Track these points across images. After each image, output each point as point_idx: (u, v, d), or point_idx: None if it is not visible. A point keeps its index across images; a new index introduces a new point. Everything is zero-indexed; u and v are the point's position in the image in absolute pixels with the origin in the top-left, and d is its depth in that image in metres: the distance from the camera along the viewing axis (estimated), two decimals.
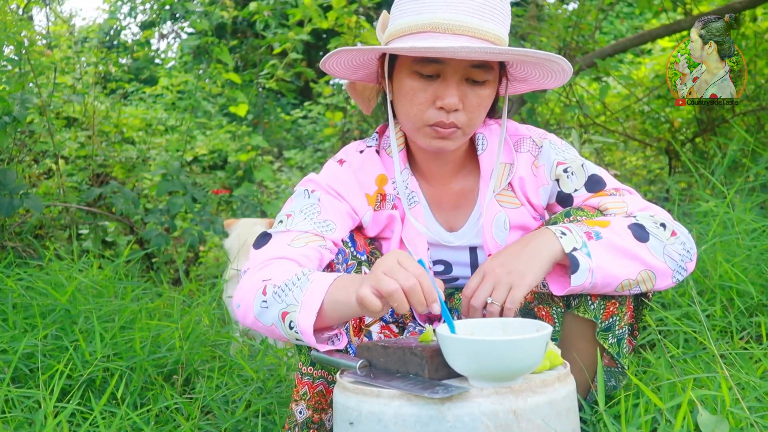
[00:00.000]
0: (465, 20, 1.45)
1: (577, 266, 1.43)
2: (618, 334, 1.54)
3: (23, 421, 1.75)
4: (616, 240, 1.46)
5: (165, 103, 5.99)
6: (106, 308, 2.31)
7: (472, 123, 1.56)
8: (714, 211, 2.67)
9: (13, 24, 3.53)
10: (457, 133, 1.55)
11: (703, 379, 1.63)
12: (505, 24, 1.51)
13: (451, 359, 1.24)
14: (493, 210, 1.64)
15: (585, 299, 1.51)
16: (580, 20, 4.31)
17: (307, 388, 1.58)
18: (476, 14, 1.46)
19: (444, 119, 1.52)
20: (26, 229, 3.72)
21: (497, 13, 1.48)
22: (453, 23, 1.45)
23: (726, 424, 1.31)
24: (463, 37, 1.45)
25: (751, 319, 2.15)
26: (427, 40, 1.46)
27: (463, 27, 1.45)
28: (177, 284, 4.21)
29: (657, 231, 1.50)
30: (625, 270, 1.46)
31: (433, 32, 1.46)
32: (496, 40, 1.48)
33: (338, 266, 1.56)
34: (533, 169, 1.65)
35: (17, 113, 3.18)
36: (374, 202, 1.64)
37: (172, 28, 6.22)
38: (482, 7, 1.46)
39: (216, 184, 5.32)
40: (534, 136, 1.67)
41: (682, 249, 1.52)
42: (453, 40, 1.45)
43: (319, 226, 1.54)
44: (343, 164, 1.66)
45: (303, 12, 4.71)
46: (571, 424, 1.27)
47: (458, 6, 1.45)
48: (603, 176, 1.64)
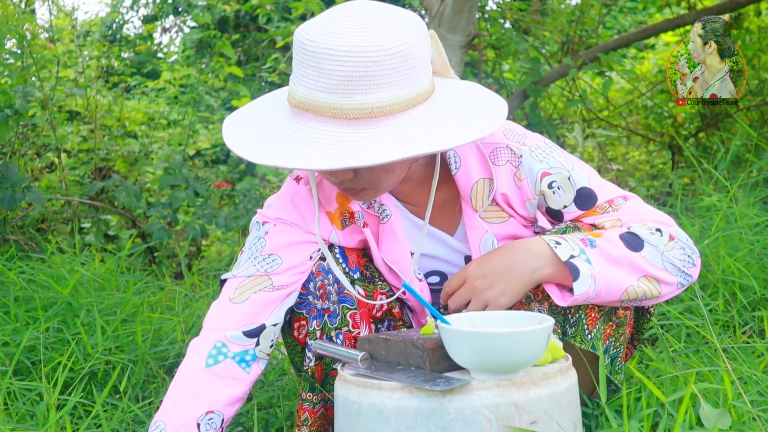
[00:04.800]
0: (324, 99, 1.26)
1: (578, 273, 1.35)
2: (613, 353, 1.48)
3: (25, 413, 1.75)
4: (609, 249, 1.39)
5: (167, 97, 5.99)
6: (108, 301, 2.31)
7: (376, 184, 1.40)
8: (717, 205, 2.67)
9: (15, 17, 3.53)
10: (369, 191, 1.41)
11: (705, 373, 1.63)
12: (388, 86, 1.26)
13: (452, 351, 1.24)
14: (479, 230, 1.51)
15: (582, 328, 1.45)
16: (584, 15, 4.30)
17: (308, 414, 1.57)
18: (338, 91, 1.25)
19: (345, 189, 1.41)
20: (28, 222, 3.72)
21: (370, 81, 1.24)
22: (313, 103, 1.27)
23: (728, 417, 1.30)
24: (324, 118, 1.26)
25: (753, 314, 2.14)
26: (291, 120, 1.30)
27: (323, 107, 1.26)
28: (179, 278, 4.21)
29: (652, 238, 1.42)
30: (625, 277, 1.39)
31: (298, 110, 1.29)
32: (367, 114, 1.25)
33: (329, 288, 1.52)
34: (516, 181, 1.49)
35: (19, 106, 3.18)
36: (339, 220, 1.55)
37: (174, 21, 6.22)
38: (346, 81, 1.24)
39: (218, 178, 5.32)
40: (511, 144, 1.48)
41: (682, 254, 1.43)
42: (315, 124, 1.27)
43: (263, 263, 1.51)
44: (300, 181, 1.56)
45: (305, 5, 4.70)
46: (573, 417, 1.27)
47: (316, 82, 1.26)
48: (594, 188, 1.48)
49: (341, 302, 1.53)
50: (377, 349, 1.35)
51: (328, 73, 1.24)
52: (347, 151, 1.24)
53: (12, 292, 2.24)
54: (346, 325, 1.53)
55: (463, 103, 1.39)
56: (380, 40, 1.25)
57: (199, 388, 1.45)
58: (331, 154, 1.24)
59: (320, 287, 1.52)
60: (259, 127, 1.35)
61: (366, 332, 1.55)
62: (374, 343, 1.36)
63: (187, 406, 1.43)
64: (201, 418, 1.43)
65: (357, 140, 1.25)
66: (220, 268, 4.16)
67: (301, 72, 1.28)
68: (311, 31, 1.27)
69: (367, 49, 1.24)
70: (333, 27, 1.26)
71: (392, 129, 1.27)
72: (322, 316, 1.52)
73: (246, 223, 4.00)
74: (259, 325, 1.49)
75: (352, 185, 1.39)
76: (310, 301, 1.53)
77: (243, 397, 1.49)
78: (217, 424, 1.44)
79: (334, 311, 1.52)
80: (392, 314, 1.63)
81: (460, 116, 1.35)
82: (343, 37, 1.24)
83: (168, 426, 1.41)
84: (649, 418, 1.34)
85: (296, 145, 1.27)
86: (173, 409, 1.43)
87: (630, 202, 1.50)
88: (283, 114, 1.34)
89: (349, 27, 1.26)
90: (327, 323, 1.52)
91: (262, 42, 5.25)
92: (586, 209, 1.49)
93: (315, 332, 1.52)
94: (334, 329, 1.52)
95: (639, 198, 1.54)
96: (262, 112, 1.40)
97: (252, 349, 1.49)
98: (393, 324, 1.63)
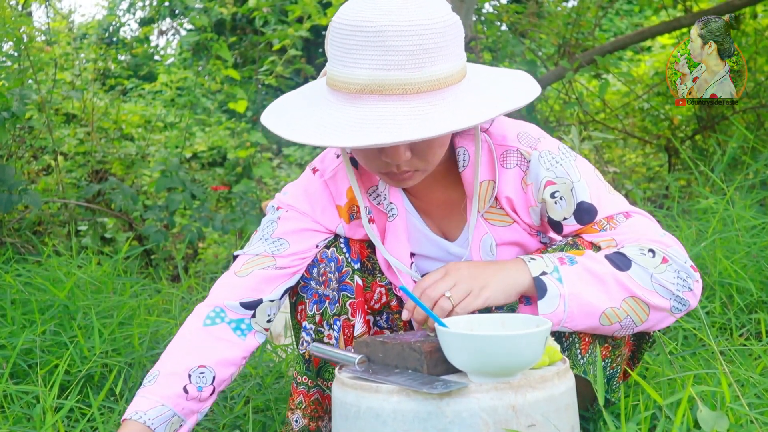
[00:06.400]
0: (393, 77, 1.26)
1: (544, 292, 1.33)
2: (609, 374, 1.47)
3: (22, 416, 1.74)
4: (591, 266, 1.36)
5: (164, 100, 5.98)
6: (105, 304, 2.31)
7: (430, 162, 1.42)
8: (714, 208, 2.67)
9: (12, 20, 3.52)
10: (415, 174, 1.42)
11: (702, 376, 1.63)
12: (446, 57, 1.30)
13: (450, 354, 1.24)
14: (480, 232, 1.52)
15: (574, 353, 1.42)
16: (580, 17, 4.32)
17: (302, 397, 1.61)
18: (406, 66, 1.26)
19: (394, 169, 1.39)
20: (25, 225, 3.72)
21: (433, 53, 1.27)
22: (381, 83, 1.27)
23: (726, 420, 1.30)
24: (392, 97, 1.27)
25: (750, 316, 2.15)
26: (353, 108, 1.29)
27: (392, 85, 1.27)
28: (176, 280, 4.20)
29: (642, 258, 1.38)
30: (604, 297, 1.35)
31: (359, 94, 1.29)
32: (435, 85, 1.29)
33: (330, 275, 1.57)
34: (522, 186, 1.48)
35: (16, 109, 3.17)
36: (347, 214, 1.59)
37: (171, 24, 6.21)
38: (412, 55, 1.26)
39: (215, 180, 5.31)
40: (522, 147, 1.47)
41: (675, 277, 1.39)
42: (382, 104, 1.27)
43: (271, 245, 1.56)
44: (315, 173, 1.60)
45: (302, 8, 4.70)
46: (571, 420, 1.27)
47: (384, 61, 1.26)
48: (594, 202, 1.45)
49: (341, 290, 1.57)
50: (374, 352, 1.35)
51: (396, 49, 1.26)
52: (426, 122, 1.26)
53: (8, 294, 2.24)
54: (345, 313, 1.57)
55: (489, 74, 1.43)
56: (436, 13, 1.28)
57: (193, 343, 1.51)
58: (413, 127, 1.26)
59: (323, 274, 1.57)
60: (316, 117, 1.34)
61: (362, 322, 1.59)
62: (371, 345, 1.36)
63: (181, 359, 1.49)
64: (192, 370, 1.47)
65: (429, 112, 1.28)
66: (217, 270, 4.15)
67: (362, 55, 1.27)
68: (365, 13, 1.27)
69: (429, 22, 1.27)
70: (385, 6, 1.27)
71: (456, 98, 1.31)
72: (323, 302, 1.57)
73: (243, 225, 4.01)
74: (257, 299, 1.54)
75: (407, 166, 1.39)
76: (312, 286, 1.58)
77: (237, 363, 1.53)
78: (208, 380, 1.47)
79: (333, 298, 1.57)
80: (390, 307, 1.65)
81: (500, 85, 1.38)
82: (405, 13, 1.26)
83: (161, 374, 1.47)
84: (647, 421, 1.34)
85: (376, 126, 1.27)
86: (168, 361, 1.49)
87: (631, 220, 1.46)
88: (336, 104, 1.32)
89: (401, 4, 1.27)
90: (327, 310, 1.57)
91: (259, 45, 5.24)
92: (584, 224, 1.47)
93: (314, 316, 1.58)
94: (333, 315, 1.57)
95: (645, 215, 1.49)
96: (301, 106, 1.40)
97: (248, 319, 1.54)
98: (391, 317, 1.66)
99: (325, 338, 1.58)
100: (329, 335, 1.57)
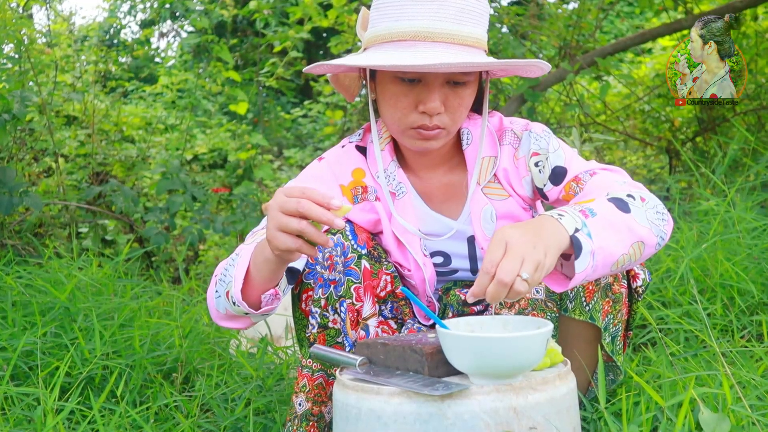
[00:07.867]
0: (444, 27, 1.47)
1: (580, 250, 1.30)
2: (612, 332, 1.54)
3: (22, 418, 1.74)
4: (608, 215, 1.37)
5: (165, 102, 5.98)
6: (106, 306, 2.31)
7: (456, 122, 1.58)
8: (715, 209, 2.67)
9: (13, 22, 3.52)
10: (442, 133, 1.57)
11: (704, 377, 1.63)
12: (483, 25, 1.53)
13: (451, 356, 1.24)
14: (480, 202, 1.64)
15: (580, 301, 1.50)
16: (581, 19, 4.31)
17: (306, 380, 1.60)
18: (455, 20, 1.48)
19: (427, 122, 1.54)
20: (26, 227, 3.72)
21: (475, 16, 1.50)
22: (433, 31, 1.47)
23: (727, 422, 1.30)
24: (442, 44, 1.47)
25: (751, 318, 2.15)
26: (407, 50, 1.47)
27: (442, 34, 1.47)
28: (177, 283, 4.20)
29: (632, 201, 1.42)
30: (620, 245, 1.35)
31: (413, 41, 1.48)
32: (476, 43, 1.51)
33: (336, 258, 1.58)
34: (514, 161, 1.65)
35: (17, 111, 3.17)
36: (350, 194, 1.67)
37: (171, 26, 6.21)
38: (461, 12, 1.48)
39: (216, 182, 5.32)
40: (515, 128, 1.67)
41: (655, 213, 1.44)
42: (433, 49, 1.46)
43: None
44: (321, 161, 1.72)
45: (303, 10, 4.70)
46: (572, 421, 1.27)
47: (437, 13, 1.47)
48: (566, 165, 1.59)
49: (347, 275, 1.58)
50: (375, 354, 1.35)
51: (449, 4, 1.47)
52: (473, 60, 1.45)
53: (9, 296, 2.24)
54: (350, 297, 1.58)
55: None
56: None
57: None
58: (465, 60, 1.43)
59: (328, 258, 1.58)
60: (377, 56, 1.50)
61: (371, 304, 1.60)
62: (373, 347, 1.36)
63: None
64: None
65: (473, 54, 1.49)
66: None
67: (417, 8, 1.47)
68: None
69: None
70: None
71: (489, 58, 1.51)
72: (328, 286, 1.57)
73: (243, 227, 4.01)
74: None
75: (438, 121, 1.54)
76: (318, 270, 1.58)
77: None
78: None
79: (339, 281, 1.58)
80: (395, 295, 1.67)
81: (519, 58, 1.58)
82: None
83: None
84: (648, 423, 1.34)
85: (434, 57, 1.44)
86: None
87: (596, 177, 1.56)
88: (391, 51, 1.49)
89: None
90: (332, 293, 1.57)
91: (259, 47, 5.25)
92: (557, 184, 1.60)
93: (320, 300, 1.58)
94: (338, 298, 1.57)
95: (613, 169, 1.59)
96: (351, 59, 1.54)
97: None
98: (396, 305, 1.68)
99: (330, 323, 1.58)
100: (334, 320, 1.57)
